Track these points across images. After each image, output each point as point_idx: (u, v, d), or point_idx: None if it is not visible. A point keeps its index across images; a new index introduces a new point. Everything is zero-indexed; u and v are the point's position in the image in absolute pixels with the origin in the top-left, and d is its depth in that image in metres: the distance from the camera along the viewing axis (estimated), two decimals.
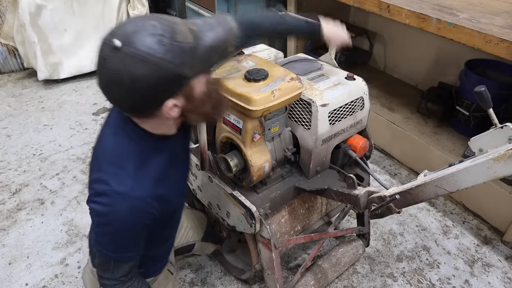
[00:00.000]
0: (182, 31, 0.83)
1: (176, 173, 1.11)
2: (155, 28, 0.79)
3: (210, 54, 0.89)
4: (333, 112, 1.39)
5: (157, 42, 0.78)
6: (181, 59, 0.81)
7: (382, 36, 3.21)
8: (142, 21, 0.81)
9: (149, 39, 0.78)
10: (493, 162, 0.91)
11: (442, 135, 2.50)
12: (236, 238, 1.86)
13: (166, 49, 0.78)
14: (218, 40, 0.90)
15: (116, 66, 0.78)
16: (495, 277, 1.91)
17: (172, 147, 1.04)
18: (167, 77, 0.80)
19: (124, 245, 1.00)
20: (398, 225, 2.18)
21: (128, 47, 0.77)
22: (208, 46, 0.87)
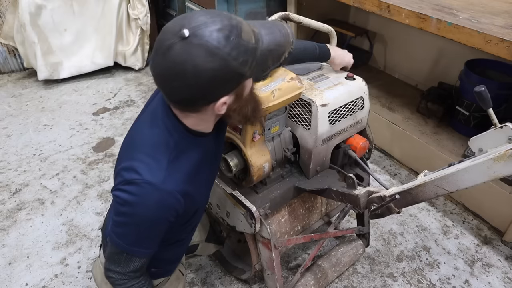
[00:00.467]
0: (247, 31, 0.83)
1: (206, 173, 1.10)
2: (223, 23, 0.79)
3: (267, 57, 0.89)
4: (333, 112, 1.39)
5: (225, 37, 0.78)
6: (244, 57, 0.81)
7: (382, 36, 3.21)
8: (211, 15, 0.81)
9: (218, 33, 0.77)
10: (493, 162, 0.91)
11: (442, 135, 2.50)
12: (236, 238, 1.87)
13: (233, 46, 0.78)
14: (276, 44, 0.91)
15: (181, 56, 0.77)
16: (495, 277, 1.91)
17: (207, 145, 1.05)
18: (230, 74, 0.81)
19: (141, 239, 0.98)
20: (398, 225, 2.18)
21: (197, 38, 0.76)
22: (266, 49, 0.88)
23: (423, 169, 1.20)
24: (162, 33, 0.82)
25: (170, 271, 1.29)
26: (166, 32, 0.81)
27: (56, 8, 3.28)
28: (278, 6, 3.21)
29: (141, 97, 3.41)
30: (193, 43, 0.76)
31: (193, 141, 0.98)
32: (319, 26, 1.48)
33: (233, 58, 0.79)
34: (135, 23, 3.60)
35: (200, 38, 0.76)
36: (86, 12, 3.45)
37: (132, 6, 3.52)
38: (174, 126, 0.95)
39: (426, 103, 2.64)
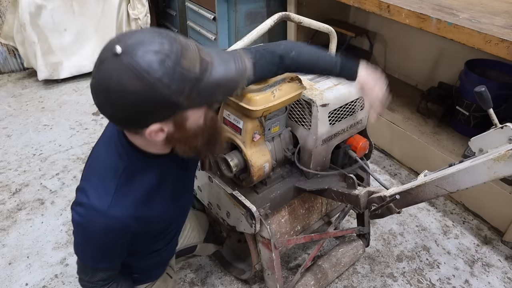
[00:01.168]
0: (191, 59, 0.76)
1: (167, 193, 1.04)
2: (162, 46, 0.73)
3: (214, 90, 0.82)
4: (333, 112, 1.39)
5: (159, 61, 0.72)
6: (179, 86, 0.74)
7: (382, 36, 3.21)
8: (151, 34, 0.75)
9: (152, 56, 0.72)
10: (493, 162, 0.91)
11: (442, 135, 2.50)
12: (236, 238, 1.87)
13: (165, 72, 0.72)
14: (227, 79, 0.84)
15: (108, 72, 0.73)
16: (495, 277, 1.91)
17: (165, 166, 0.98)
18: (158, 101, 0.74)
19: (99, 257, 0.99)
20: (398, 225, 2.18)
21: (127, 57, 0.71)
22: (214, 82, 0.80)
23: (423, 169, 1.20)
24: (104, 46, 0.77)
25: (155, 276, 1.28)
26: (105, 46, 0.76)
27: (56, 8, 3.28)
28: (278, 6, 3.21)
29: None
30: (123, 62, 0.71)
31: (146, 163, 0.94)
32: (319, 26, 1.48)
33: (163, 85, 0.72)
34: (135, 23, 3.59)
35: (130, 58, 0.71)
36: (86, 12, 3.45)
37: (132, 6, 3.52)
38: (124, 147, 0.91)
39: (426, 103, 2.64)
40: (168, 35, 0.77)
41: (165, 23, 4.14)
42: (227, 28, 3.13)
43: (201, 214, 1.72)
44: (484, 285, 1.87)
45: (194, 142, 0.88)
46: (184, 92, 0.76)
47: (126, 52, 0.72)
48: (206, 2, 3.15)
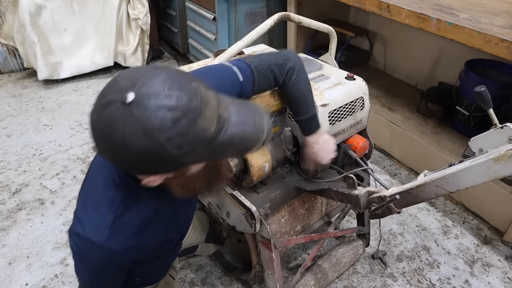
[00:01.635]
0: (208, 117, 0.67)
1: (169, 217, 1.00)
2: (180, 101, 0.64)
3: (226, 148, 0.74)
4: (333, 112, 1.39)
5: (174, 119, 0.63)
6: (190, 148, 0.67)
7: (382, 36, 3.21)
8: (171, 83, 0.65)
9: (166, 112, 0.63)
10: (493, 162, 0.91)
11: (442, 135, 2.50)
12: (236, 238, 1.86)
13: (179, 132, 0.64)
14: (243, 139, 0.75)
15: (114, 120, 0.63)
16: (495, 277, 1.91)
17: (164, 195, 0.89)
18: (164, 160, 0.67)
19: (97, 282, 0.97)
20: (398, 225, 2.18)
21: (139, 109, 0.62)
22: (227, 141, 0.72)
23: (423, 169, 1.20)
24: (112, 81, 0.68)
25: (158, 279, 1.27)
26: (115, 83, 0.67)
27: (56, 8, 3.28)
28: (278, 6, 3.21)
29: None
30: (132, 113, 0.62)
31: (144, 194, 0.88)
32: (319, 26, 1.48)
33: (174, 146, 0.64)
34: (135, 23, 3.60)
35: (142, 111, 0.62)
36: (86, 12, 3.45)
37: (132, 6, 3.52)
38: (121, 177, 0.86)
39: (426, 103, 2.64)
40: (189, 87, 0.67)
41: (165, 23, 4.14)
42: (227, 28, 3.13)
43: (202, 214, 1.72)
44: (484, 285, 1.87)
45: (193, 186, 0.83)
46: (194, 153, 0.68)
47: (137, 103, 0.62)
48: (206, 2, 3.15)
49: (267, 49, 1.78)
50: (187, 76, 0.70)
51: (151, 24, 3.64)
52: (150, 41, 3.76)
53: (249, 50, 1.72)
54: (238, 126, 0.73)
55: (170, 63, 4.06)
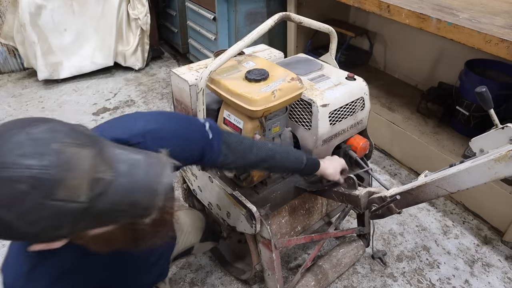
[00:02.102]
0: (72, 186, 0.56)
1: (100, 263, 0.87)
2: (29, 170, 0.54)
3: (115, 215, 0.63)
4: (333, 112, 1.39)
5: (21, 194, 0.53)
6: (51, 222, 0.57)
7: (382, 36, 3.21)
8: (22, 150, 0.55)
9: (10, 186, 0.53)
10: (494, 163, 0.91)
11: (442, 135, 2.50)
12: (236, 239, 1.86)
13: (29, 208, 0.54)
14: (130, 205, 0.63)
15: None
16: (495, 277, 1.91)
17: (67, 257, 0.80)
18: (22, 237, 0.60)
19: None
20: (398, 225, 2.18)
21: None
22: (113, 209, 0.61)
23: (423, 169, 1.20)
24: None
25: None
26: None
27: (56, 8, 3.28)
28: (278, 6, 3.21)
29: (141, 97, 3.41)
30: None
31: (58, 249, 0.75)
32: (319, 26, 1.48)
33: (26, 223, 0.55)
34: (135, 23, 3.60)
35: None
36: (86, 12, 3.45)
37: (132, 6, 3.52)
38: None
39: (426, 103, 2.64)
40: (47, 150, 0.56)
41: (165, 23, 4.14)
42: (227, 28, 3.12)
43: (196, 213, 1.65)
44: (484, 285, 1.87)
45: (109, 243, 0.70)
46: (62, 227, 0.58)
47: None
48: (206, 2, 3.15)
49: (267, 49, 1.78)
50: (54, 134, 0.58)
51: (151, 24, 3.64)
52: (150, 41, 3.76)
53: (249, 50, 1.72)
54: (125, 189, 0.62)
55: (170, 63, 4.06)
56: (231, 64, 1.35)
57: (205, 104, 1.24)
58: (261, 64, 1.35)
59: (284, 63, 1.59)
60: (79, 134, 0.61)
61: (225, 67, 1.32)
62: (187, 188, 1.79)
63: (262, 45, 1.82)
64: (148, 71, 3.87)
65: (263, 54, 1.71)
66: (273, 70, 1.31)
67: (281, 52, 1.76)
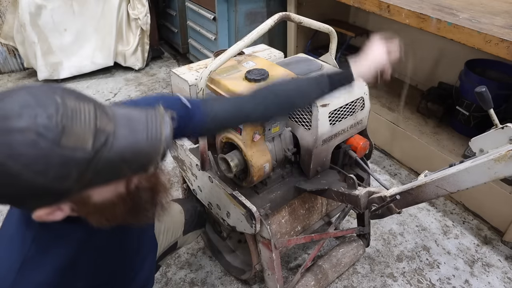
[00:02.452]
0: (78, 134, 0.57)
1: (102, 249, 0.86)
2: (34, 120, 0.55)
3: (119, 166, 0.64)
4: (333, 112, 1.39)
5: (30, 143, 0.54)
6: (60, 172, 0.57)
7: None
8: (24, 103, 0.57)
9: (17, 135, 0.54)
10: (494, 163, 0.91)
11: (442, 135, 2.50)
12: (236, 239, 1.87)
13: (38, 155, 0.55)
14: (134, 153, 0.64)
15: None
16: (495, 277, 1.91)
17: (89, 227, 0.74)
18: (29, 191, 0.58)
19: None
20: (398, 225, 2.18)
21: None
22: (117, 160, 0.62)
23: (423, 169, 1.20)
24: None
25: None
26: None
27: (56, 8, 3.28)
28: (278, 6, 3.21)
29: None
30: None
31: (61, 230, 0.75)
32: (319, 26, 1.48)
33: (35, 173, 0.55)
34: (135, 23, 3.60)
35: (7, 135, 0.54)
36: (86, 12, 3.45)
37: (132, 6, 3.52)
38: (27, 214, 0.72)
39: (426, 103, 2.64)
40: (49, 100, 0.58)
41: (165, 23, 4.14)
42: (227, 28, 3.13)
43: (175, 207, 1.52)
44: (484, 285, 1.87)
45: (111, 214, 0.71)
46: (70, 177, 0.59)
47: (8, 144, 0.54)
48: (206, 2, 3.15)
49: (267, 49, 1.78)
50: (53, 89, 0.61)
51: (151, 24, 3.64)
52: (150, 41, 3.76)
53: (249, 50, 1.72)
54: (126, 140, 0.63)
55: (170, 63, 4.06)
56: (231, 64, 1.35)
57: None
58: (261, 64, 1.35)
59: (284, 63, 1.59)
60: (75, 91, 0.63)
61: (225, 67, 1.32)
62: (187, 188, 1.79)
63: (262, 45, 1.82)
64: (148, 71, 3.87)
65: (263, 54, 1.71)
66: (273, 70, 1.31)
67: (281, 52, 1.76)
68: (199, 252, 1.99)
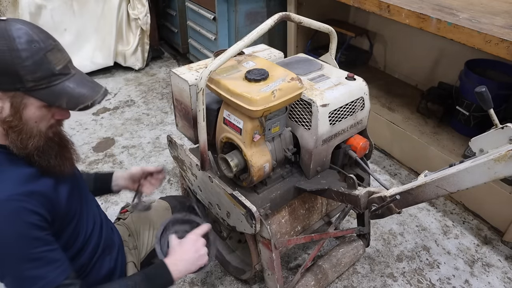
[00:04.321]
0: (58, 57, 0.87)
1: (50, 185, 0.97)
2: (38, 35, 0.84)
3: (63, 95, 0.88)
4: (333, 112, 1.39)
5: (29, 40, 0.82)
6: (33, 67, 0.82)
7: (382, 36, 3.21)
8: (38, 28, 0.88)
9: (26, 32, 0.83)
10: (493, 163, 0.91)
11: (442, 135, 2.50)
12: (236, 238, 1.87)
13: (29, 48, 0.82)
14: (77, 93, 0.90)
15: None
16: (495, 277, 1.91)
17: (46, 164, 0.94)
18: (5, 65, 0.81)
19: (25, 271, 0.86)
20: (398, 225, 2.18)
21: (7, 23, 0.82)
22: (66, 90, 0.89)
23: (423, 169, 1.20)
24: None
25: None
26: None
27: (56, 8, 3.28)
28: (278, 6, 3.21)
29: (141, 97, 3.41)
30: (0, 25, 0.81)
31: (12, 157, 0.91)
32: (319, 26, 1.48)
33: (19, 56, 0.80)
34: (135, 23, 3.60)
35: (8, 25, 0.82)
36: (86, 12, 3.45)
37: (132, 6, 3.52)
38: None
39: (426, 103, 2.64)
40: (48, 35, 0.88)
41: (165, 23, 4.14)
42: (227, 28, 3.13)
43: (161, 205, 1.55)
44: (484, 285, 1.87)
45: (26, 140, 0.88)
46: (34, 74, 0.83)
47: (8, 21, 0.83)
48: (206, 2, 3.15)
49: (267, 49, 1.78)
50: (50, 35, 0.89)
51: (151, 24, 3.64)
52: (150, 41, 3.76)
53: (249, 50, 1.72)
54: (77, 85, 0.89)
55: (170, 63, 4.06)
56: (231, 64, 1.35)
57: (205, 104, 1.25)
58: (261, 64, 1.35)
59: (284, 63, 1.59)
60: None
61: (225, 67, 1.32)
62: (187, 188, 1.79)
63: (262, 45, 1.82)
64: (148, 71, 3.87)
65: (263, 54, 1.71)
66: (273, 70, 1.31)
67: (281, 52, 1.76)
68: None
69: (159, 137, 2.87)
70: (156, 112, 3.19)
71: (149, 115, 3.14)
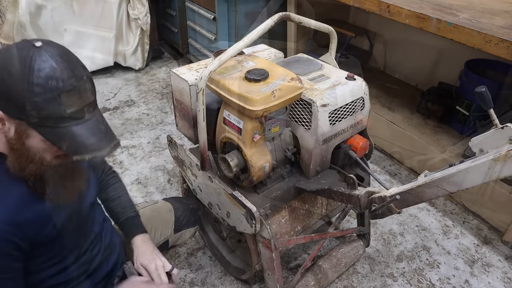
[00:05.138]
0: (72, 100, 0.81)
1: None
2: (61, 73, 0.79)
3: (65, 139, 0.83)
4: (333, 112, 1.39)
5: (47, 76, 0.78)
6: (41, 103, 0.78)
7: (382, 36, 3.21)
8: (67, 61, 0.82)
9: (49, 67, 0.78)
10: (493, 163, 0.92)
11: (442, 135, 2.50)
12: (236, 238, 1.86)
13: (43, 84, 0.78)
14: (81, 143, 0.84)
15: (13, 47, 0.81)
16: (495, 277, 1.91)
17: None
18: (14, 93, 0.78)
19: None
20: (398, 225, 2.18)
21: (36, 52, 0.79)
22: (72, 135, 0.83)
23: (423, 169, 1.20)
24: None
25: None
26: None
27: (56, 8, 3.28)
28: (278, 6, 3.20)
29: (141, 97, 3.41)
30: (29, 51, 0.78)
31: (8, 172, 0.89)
32: (319, 26, 1.48)
33: (31, 88, 0.77)
34: (135, 23, 3.60)
35: (36, 53, 0.78)
36: (86, 12, 3.45)
37: (132, 6, 3.52)
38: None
39: (426, 103, 2.64)
40: (78, 67, 0.83)
41: (165, 23, 4.14)
42: (227, 28, 3.12)
43: (164, 206, 1.57)
44: (484, 285, 1.87)
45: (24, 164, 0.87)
46: (41, 112, 0.79)
47: (40, 49, 0.79)
48: (206, 2, 3.15)
49: (267, 49, 1.78)
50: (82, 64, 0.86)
51: (151, 24, 3.64)
52: (150, 41, 3.76)
53: (249, 50, 1.72)
54: (89, 131, 0.84)
55: (170, 63, 4.06)
56: (231, 64, 1.35)
57: (205, 104, 1.25)
58: (261, 64, 1.35)
59: (284, 63, 1.59)
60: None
61: (225, 67, 1.32)
62: (187, 188, 1.79)
63: (262, 45, 1.82)
64: (148, 71, 3.87)
65: (263, 54, 1.71)
66: (273, 70, 1.31)
67: (281, 52, 1.76)
68: (199, 252, 1.99)
69: (159, 137, 2.87)
70: (156, 112, 3.19)
71: (149, 115, 3.15)
